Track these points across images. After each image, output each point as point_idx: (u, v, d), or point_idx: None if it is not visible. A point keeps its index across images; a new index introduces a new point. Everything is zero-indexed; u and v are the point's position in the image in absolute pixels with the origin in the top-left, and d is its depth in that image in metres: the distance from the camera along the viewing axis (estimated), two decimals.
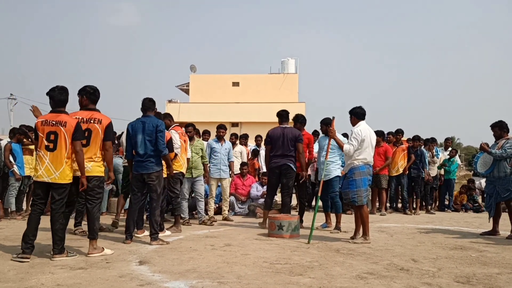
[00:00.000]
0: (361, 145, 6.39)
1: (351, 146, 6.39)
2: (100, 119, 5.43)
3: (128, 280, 4.17)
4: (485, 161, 7.37)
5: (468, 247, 6.17)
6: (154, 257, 5.21)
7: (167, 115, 7.68)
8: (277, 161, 7.68)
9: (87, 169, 5.28)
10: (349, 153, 6.40)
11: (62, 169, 5.07)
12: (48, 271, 4.50)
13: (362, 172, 6.42)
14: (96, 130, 5.38)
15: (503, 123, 7.31)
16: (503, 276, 4.51)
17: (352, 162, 6.44)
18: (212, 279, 4.21)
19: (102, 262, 4.94)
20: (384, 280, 4.29)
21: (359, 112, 6.62)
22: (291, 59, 38.53)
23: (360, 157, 6.41)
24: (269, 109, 31.56)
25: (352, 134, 6.48)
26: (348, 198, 6.51)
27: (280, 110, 8.24)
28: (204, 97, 36.08)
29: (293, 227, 6.85)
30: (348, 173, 6.51)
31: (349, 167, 6.51)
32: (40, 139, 5.12)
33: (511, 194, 7.12)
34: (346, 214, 10.44)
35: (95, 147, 5.41)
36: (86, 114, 5.46)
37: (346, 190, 6.50)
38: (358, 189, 6.38)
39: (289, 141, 7.68)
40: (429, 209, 11.39)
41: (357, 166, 6.42)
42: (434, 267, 4.86)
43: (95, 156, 5.41)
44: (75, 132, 5.11)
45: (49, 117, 5.14)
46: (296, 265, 4.88)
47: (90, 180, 5.35)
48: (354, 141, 6.39)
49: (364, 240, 6.36)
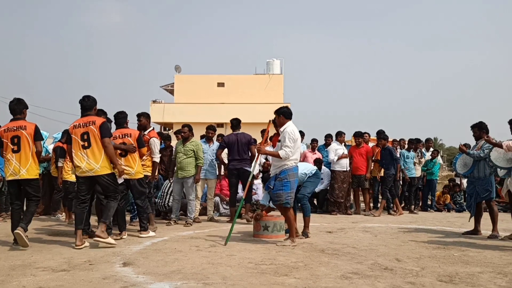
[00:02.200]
0: (294, 145, 6.19)
1: (288, 148, 6.09)
2: (94, 121, 5.89)
3: (111, 282, 4.13)
4: (465, 162, 7.46)
5: (451, 247, 6.24)
6: (138, 259, 5.17)
7: (144, 114, 7.64)
8: (234, 164, 8.73)
9: (96, 169, 5.81)
10: (288, 156, 6.10)
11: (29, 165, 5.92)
12: (30, 273, 4.44)
13: (295, 174, 6.23)
14: (92, 131, 5.83)
15: (482, 124, 7.39)
16: (485, 275, 4.57)
17: (285, 163, 6.15)
18: (197, 280, 4.19)
19: (85, 264, 4.88)
20: (368, 279, 4.31)
21: (287, 111, 6.42)
22: (276, 60, 38.57)
23: (293, 157, 6.19)
24: (254, 110, 31.67)
25: (286, 135, 6.15)
26: (280, 200, 6.17)
27: (232, 119, 9.21)
28: (189, 98, 35.90)
29: (278, 228, 6.84)
30: (281, 174, 6.16)
31: (281, 168, 6.17)
32: (5, 144, 5.95)
33: (491, 194, 7.23)
34: (331, 214, 10.51)
35: (96, 147, 5.83)
36: (83, 119, 5.97)
37: (279, 192, 6.14)
38: (292, 191, 6.18)
39: (243, 145, 8.75)
40: (412, 209, 11.50)
41: (291, 167, 6.16)
42: (418, 267, 4.91)
43: (100, 156, 5.87)
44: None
45: (10, 124, 6.01)
46: (281, 265, 4.88)
47: (101, 179, 5.88)
48: (289, 142, 6.11)
49: (292, 242, 6.20)
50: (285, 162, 6.15)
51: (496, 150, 6.78)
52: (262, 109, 31.91)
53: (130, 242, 6.34)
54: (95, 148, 5.82)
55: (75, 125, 5.92)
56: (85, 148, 5.81)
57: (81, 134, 5.82)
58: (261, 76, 38.33)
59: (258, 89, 36.78)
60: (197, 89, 36.59)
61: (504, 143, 6.45)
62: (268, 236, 6.75)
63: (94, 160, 5.80)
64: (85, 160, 5.80)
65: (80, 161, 5.83)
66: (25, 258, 5.18)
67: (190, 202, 8.37)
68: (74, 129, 5.90)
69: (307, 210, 7.06)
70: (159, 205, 9.09)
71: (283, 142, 6.16)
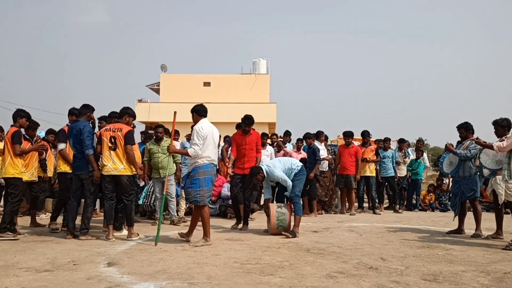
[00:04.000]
0: (204, 142, 6.16)
1: (196, 146, 6.10)
2: (122, 128, 6.62)
3: (96, 282, 4.09)
4: (451, 161, 7.55)
5: (435, 246, 6.30)
6: (123, 259, 5.13)
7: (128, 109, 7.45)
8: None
9: (120, 169, 6.52)
10: (197, 154, 6.10)
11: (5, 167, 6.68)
12: (13, 274, 4.38)
13: (206, 171, 6.17)
14: (119, 137, 6.55)
15: (469, 124, 7.49)
16: (468, 274, 4.62)
17: (196, 161, 6.16)
18: (182, 280, 4.18)
19: (69, 264, 4.83)
20: (353, 279, 4.33)
21: (200, 109, 6.43)
22: (262, 60, 38.50)
23: (204, 154, 6.15)
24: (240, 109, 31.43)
25: (194, 132, 6.19)
26: (190, 198, 6.25)
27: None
28: (174, 97, 35.64)
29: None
30: (192, 171, 6.19)
31: (192, 166, 6.21)
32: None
33: (476, 193, 7.33)
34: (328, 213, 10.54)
35: (121, 150, 6.55)
36: (114, 125, 6.74)
37: (189, 190, 6.20)
38: (201, 189, 6.13)
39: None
40: (396, 208, 11.58)
41: (201, 165, 6.15)
42: (402, 266, 4.94)
43: (123, 159, 6.56)
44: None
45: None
46: (266, 265, 4.88)
47: (122, 178, 6.55)
48: (198, 140, 6.11)
49: (205, 242, 6.14)
50: (196, 159, 6.16)
51: (486, 153, 6.85)
52: (248, 109, 31.68)
53: (114, 242, 6.30)
54: (120, 151, 6.56)
55: (106, 129, 6.67)
56: (112, 149, 6.54)
57: (110, 137, 6.56)
58: (247, 75, 38.24)
59: (244, 89, 36.69)
60: (183, 88, 36.37)
61: (495, 144, 6.51)
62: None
63: (119, 161, 6.53)
64: (111, 159, 6.52)
65: (107, 160, 6.54)
66: (8, 258, 5.11)
67: (171, 201, 8.40)
68: (105, 132, 6.63)
69: (299, 209, 7.11)
70: (145, 204, 9.04)
71: (192, 140, 6.24)
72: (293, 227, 7.01)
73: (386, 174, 11.52)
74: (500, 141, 6.57)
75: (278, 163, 7.26)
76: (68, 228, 6.72)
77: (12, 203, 6.64)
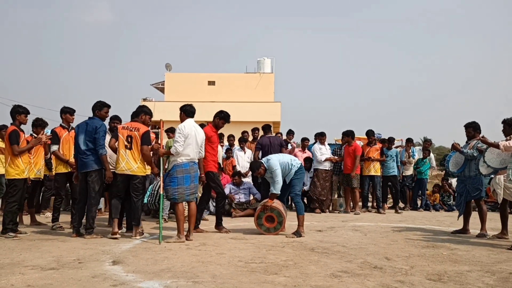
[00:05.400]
0: (186, 141, 6.27)
1: (177, 143, 6.23)
2: (139, 128, 6.60)
3: (101, 281, 4.11)
4: (457, 160, 7.52)
5: (440, 246, 6.29)
6: (128, 257, 5.15)
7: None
8: None
9: (134, 169, 6.51)
10: (178, 151, 6.21)
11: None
12: (18, 272, 4.40)
13: (184, 170, 6.27)
14: (136, 136, 6.53)
15: (477, 124, 7.46)
16: (473, 274, 4.60)
17: (175, 159, 6.27)
18: (187, 279, 4.18)
19: (74, 262, 4.86)
20: (358, 278, 4.33)
21: (189, 109, 6.60)
22: (267, 59, 38.48)
23: (184, 153, 6.25)
24: (244, 108, 31.59)
25: (177, 130, 6.37)
26: (168, 195, 6.35)
27: (263, 125, 10.54)
28: (179, 96, 35.66)
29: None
30: (171, 170, 6.31)
31: (172, 164, 6.32)
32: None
33: (481, 193, 7.30)
34: (315, 212, 10.53)
35: (136, 150, 6.53)
36: (131, 124, 6.73)
37: (167, 188, 6.30)
38: (179, 187, 6.23)
39: (275, 147, 9.78)
40: (397, 208, 11.50)
41: (180, 164, 6.25)
42: (407, 265, 4.94)
43: (138, 158, 6.56)
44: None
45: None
46: (271, 264, 4.89)
47: (135, 179, 6.56)
48: (179, 138, 6.25)
49: (178, 239, 6.23)
50: (176, 158, 6.26)
51: (491, 152, 6.82)
52: (252, 108, 31.91)
53: (120, 240, 6.32)
54: (135, 151, 6.55)
55: (124, 127, 6.67)
56: (127, 148, 6.54)
57: (126, 136, 6.54)
58: (251, 74, 38.25)
59: (248, 88, 36.70)
60: (188, 87, 36.42)
61: (501, 143, 6.47)
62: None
63: (133, 161, 6.53)
64: (126, 159, 6.53)
65: (122, 159, 6.54)
66: (14, 256, 5.14)
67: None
68: (122, 130, 6.61)
69: (301, 208, 7.07)
70: (150, 203, 9.06)
71: (175, 138, 6.36)
72: (298, 227, 6.99)
73: (388, 173, 11.49)
74: (507, 140, 6.54)
75: (276, 156, 7.28)
76: (73, 227, 6.76)
77: (9, 203, 6.66)
